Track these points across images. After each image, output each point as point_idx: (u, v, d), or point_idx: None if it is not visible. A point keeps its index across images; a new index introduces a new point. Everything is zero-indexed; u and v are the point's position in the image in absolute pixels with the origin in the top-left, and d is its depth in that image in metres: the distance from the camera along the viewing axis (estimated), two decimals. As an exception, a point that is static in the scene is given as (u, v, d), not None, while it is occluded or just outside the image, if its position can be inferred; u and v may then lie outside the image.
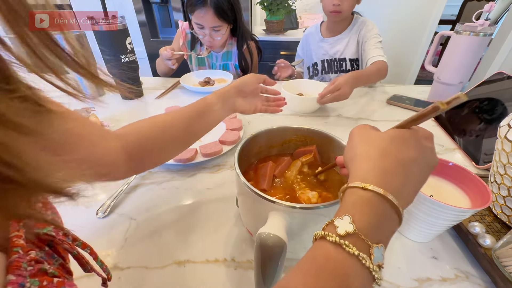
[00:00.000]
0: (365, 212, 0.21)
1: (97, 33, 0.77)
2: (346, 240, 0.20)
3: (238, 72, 1.18)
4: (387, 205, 0.21)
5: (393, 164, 0.23)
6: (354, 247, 0.19)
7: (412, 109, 0.82)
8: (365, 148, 0.25)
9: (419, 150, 0.24)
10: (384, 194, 0.21)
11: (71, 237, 0.22)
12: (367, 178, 0.22)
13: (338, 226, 0.21)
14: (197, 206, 0.48)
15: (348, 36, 1.09)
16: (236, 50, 1.12)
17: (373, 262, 0.19)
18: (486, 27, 0.70)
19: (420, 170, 0.24)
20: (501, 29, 1.68)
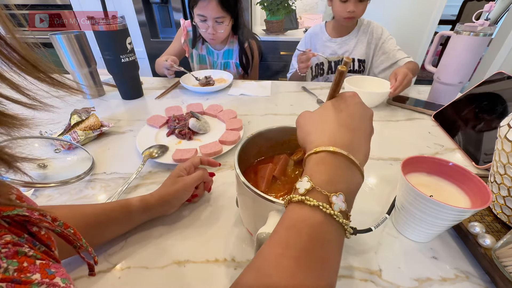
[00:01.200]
0: (321, 169, 0.23)
1: (97, 33, 0.77)
2: (307, 196, 0.22)
3: (239, 71, 1.18)
4: (341, 158, 0.24)
5: (334, 126, 0.26)
6: (314, 200, 0.21)
7: (412, 109, 0.82)
8: (309, 125, 0.29)
9: (349, 107, 0.27)
10: (334, 150, 0.24)
11: (50, 217, 0.22)
12: (318, 144, 0.25)
13: (299, 187, 0.23)
14: (197, 206, 0.48)
15: (357, 37, 1.11)
16: (237, 48, 1.13)
17: (333, 209, 0.21)
18: (486, 27, 0.70)
19: (358, 122, 0.27)
20: (501, 29, 1.68)
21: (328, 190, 0.22)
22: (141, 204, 0.41)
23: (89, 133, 0.64)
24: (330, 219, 0.21)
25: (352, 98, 0.28)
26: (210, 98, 0.92)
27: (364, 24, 1.11)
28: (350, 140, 0.25)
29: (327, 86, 1.01)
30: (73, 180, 0.51)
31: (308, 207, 0.21)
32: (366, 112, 0.28)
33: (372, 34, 1.09)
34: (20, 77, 0.18)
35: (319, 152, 0.24)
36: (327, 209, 0.21)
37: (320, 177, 0.23)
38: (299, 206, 0.22)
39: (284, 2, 1.83)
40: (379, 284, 0.35)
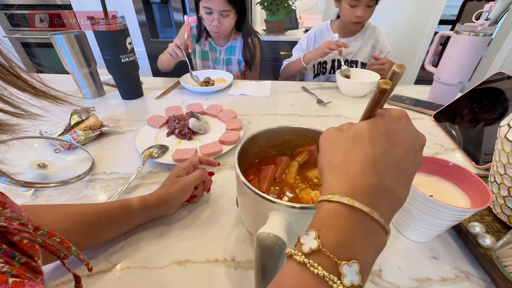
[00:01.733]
0: (332, 225, 0.19)
1: (97, 33, 0.77)
2: (311, 259, 0.18)
3: (241, 68, 1.19)
4: (359, 214, 0.18)
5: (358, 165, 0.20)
6: (319, 267, 0.17)
7: (412, 109, 0.82)
8: (329, 156, 0.22)
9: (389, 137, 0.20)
10: (350, 203, 0.18)
11: (32, 226, 0.20)
12: (333, 189, 0.20)
13: (303, 243, 0.19)
14: (197, 206, 0.48)
15: (362, 40, 1.12)
16: (240, 45, 1.13)
17: (344, 282, 0.17)
18: (486, 27, 0.70)
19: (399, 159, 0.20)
20: (501, 29, 1.68)
21: (338, 256, 0.17)
22: (141, 204, 0.41)
23: (89, 133, 0.64)
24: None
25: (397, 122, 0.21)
26: (210, 98, 0.92)
27: (370, 28, 1.12)
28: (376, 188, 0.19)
29: (328, 86, 1.01)
30: (73, 180, 0.51)
31: (310, 274, 0.17)
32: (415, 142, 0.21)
33: (377, 40, 1.11)
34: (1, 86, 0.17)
35: (332, 202, 0.19)
36: (334, 282, 0.16)
37: (331, 237, 0.18)
38: (300, 269, 0.18)
39: (284, 2, 1.83)
40: (379, 284, 0.35)
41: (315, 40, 1.19)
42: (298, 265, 0.18)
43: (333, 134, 0.23)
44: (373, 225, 0.19)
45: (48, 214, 0.35)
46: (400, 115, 0.22)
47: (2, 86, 0.17)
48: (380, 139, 0.20)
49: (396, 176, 0.20)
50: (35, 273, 0.19)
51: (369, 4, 0.99)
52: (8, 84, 0.18)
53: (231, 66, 1.18)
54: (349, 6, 1.01)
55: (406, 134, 0.21)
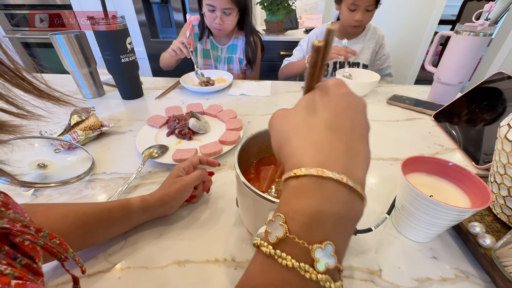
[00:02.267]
0: (301, 205, 0.16)
1: (97, 33, 0.77)
2: (279, 248, 0.16)
3: (242, 67, 1.19)
4: (331, 185, 0.16)
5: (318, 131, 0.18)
6: (289, 257, 0.15)
7: (412, 109, 0.82)
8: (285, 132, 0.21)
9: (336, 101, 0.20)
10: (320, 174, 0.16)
11: (34, 228, 0.20)
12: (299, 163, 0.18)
13: (270, 231, 0.17)
14: (197, 206, 0.48)
15: (363, 42, 1.13)
16: (241, 43, 1.14)
17: (318, 269, 0.15)
18: (486, 27, 0.70)
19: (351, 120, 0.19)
20: (501, 29, 1.68)
21: (309, 239, 0.15)
22: (141, 204, 0.41)
23: (89, 133, 0.64)
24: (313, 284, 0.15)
25: (337, 88, 0.21)
26: (210, 98, 0.92)
27: (371, 30, 1.12)
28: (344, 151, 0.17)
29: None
30: (73, 180, 0.51)
31: (279, 266, 0.15)
32: (358, 104, 0.20)
33: (378, 43, 1.12)
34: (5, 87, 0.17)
35: (299, 176, 0.17)
36: (306, 271, 0.15)
37: (300, 219, 0.16)
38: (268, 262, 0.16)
39: (284, 2, 1.83)
40: (379, 284, 0.35)
41: None
42: (265, 257, 0.16)
43: (282, 113, 0.22)
44: (347, 194, 0.16)
45: (48, 213, 0.35)
46: (338, 82, 0.21)
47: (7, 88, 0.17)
48: (330, 103, 0.20)
49: (356, 134, 0.19)
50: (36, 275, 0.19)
51: (368, 9, 1.00)
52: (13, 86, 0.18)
53: (232, 65, 1.19)
54: (348, 10, 1.01)
55: (349, 97, 0.20)
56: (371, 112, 0.81)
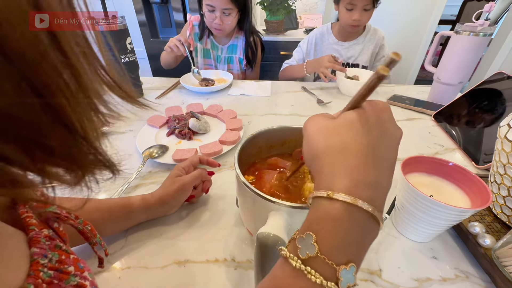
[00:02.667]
0: (331, 228, 0.18)
1: (97, 33, 0.77)
2: (308, 265, 0.17)
3: (242, 67, 1.19)
4: (361, 214, 0.18)
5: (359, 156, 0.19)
6: (317, 273, 0.17)
7: (412, 109, 0.82)
8: (323, 144, 0.21)
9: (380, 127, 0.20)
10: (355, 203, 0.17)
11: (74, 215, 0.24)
12: (333, 183, 0.19)
13: (299, 247, 0.18)
14: (197, 206, 0.48)
15: (363, 43, 1.13)
16: (241, 43, 1.14)
17: (341, 286, 0.17)
18: (486, 27, 0.70)
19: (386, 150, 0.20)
20: (501, 29, 1.68)
21: (337, 261, 0.17)
22: (142, 203, 0.41)
23: None
24: None
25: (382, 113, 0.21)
26: (210, 98, 0.92)
27: (371, 31, 1.12)
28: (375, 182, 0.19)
29: (328, 86, 1.01)
30: (73, 180, 0.51)
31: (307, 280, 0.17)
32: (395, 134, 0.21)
33: (378, 44, 1.11)
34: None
35: (333, 200, 0.18)
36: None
37: (329, 241, 0.18)
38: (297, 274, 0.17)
39: (284, 2, 1.83)
40: (379, 284, 0.35)
41: (315, 43, 1.20)
42: (294, 270, 0.18)
43: (322, 121, 0.22)
44: (371, 222, 0.18)
45: None
46: (385, 106, 0.22)
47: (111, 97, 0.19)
48: (373, 128, 0.20)
49: (387, 163, 0.20)
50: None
51: (365, 8, 0.99)
52: (116, 95, 0.20)
53: (232, 65, 1.19)
54: (346, 9, 1.01)
55: (390, 124, 0.21)
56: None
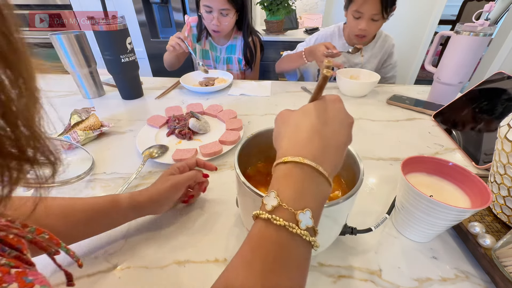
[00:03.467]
0: (287, 183, 0.23)
1: (97, 33, 0.77)
2: (274, 214, 0.21)
3: (241, 67, 1.19)
4: (308, 170, 0.23)
5: (307, 133, 0.25)
6: (281, 219, 0.21)
7: (412, 109, 0.82)
8: (283, 128, 0.27)
9: (328, 114, 0.26)
10: (301, 161, 0.23)
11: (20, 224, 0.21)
12: (287, 153, 0.24)
13: (266, 203, 0.22)
14: (197, 206, 0.48)
15: (371, 51, 1.09)
16: (240, 44, 1.14)
17: (300, 227, 0.21)
18: (486, 27, 0.70)
19: (334, 130, 0.25)
20: (501, 29, 1.68)
21: (295, 207, 0.21)
22: (130, 201, 0.39)
23: (89, 133, 0.64)
24: (297, 237, 0.21)
25: (333, 103, 0.27)
26: (210, 98, 0.92)
27: (382, 38, 1.07)
28: (321, 149, 0.24)
29: (328, 86, 1.01)
30: (73, 180, 0.51)
31: (274, 226, 0.21)
32: (345, 119, 0.27)
33: (386, 52, 1.08)
34: None
35: (287, 162, 0.23)
36: (293, 228, 0.21)
37: (287, 193, 0.22)
38: (266, 224, 0.22)
39: (284, 2, 1.83)
40: (379, 284, 0.35)
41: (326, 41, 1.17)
42: (263, 221, 0.22)
43: (286, 113, 0.29)
44: (319, 177, 0.23)
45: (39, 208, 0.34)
46: (336, 99, 0.27)
47: None
48: (322, 113, 0.26)
49: (334, 142, 0.25)
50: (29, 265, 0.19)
51: (374, 18, 0.92)
52: None
53: (232, 65, 1.19)
54: (353, 17, 0.95)
55: (339, 112, 0.27)
56: (371, 111, 0.82)
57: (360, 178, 0.31)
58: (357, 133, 0.70)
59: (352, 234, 0.38)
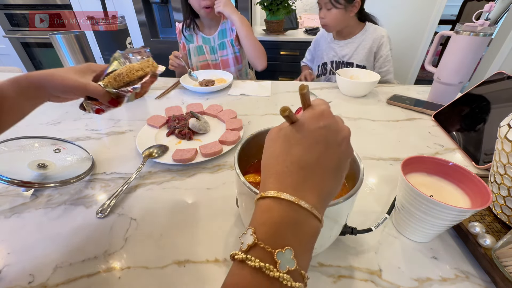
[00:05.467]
0: (265, 219, 0.20)
1: (97, 33, 0.77)
2: (249, 254, 0.18)
3: (235, 50, 1.20)
4: (286, 205, 0.20)
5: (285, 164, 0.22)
6: (257, 259, 0.18)
7: (412, 109, 0.82)
8: (265, 156, 0.25)
9: (309, 135, 0.22)
10: (278, 196, 0.20)
11: None
12: (265, 187, 0.22)
13: (242, 242, 0.20)
14: (197, 206, 0.48)
15: (359, 42, 1.12)
16: (229, 25, 1.16)
17: (279, 269, 0.18)
18: (486, 27, 0.70)
19: (318, 155, 0.22)
20: (501, 29, 1.68)
21: (273, 245, 0.18)
22: (10, 83, 0.35)
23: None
24: (276, 282, 0.17)
25: (317, 121, 0.23)
26: (210, 98, 0.92)
27: (370, 31, 1.11)
28: (302, 180, 0.21)
29: (328, 86, 1.01)
30: (73, 180, 0.51)
31: (249, 268, 0.18)
32: (334, 137, 0.23)
33: (376, 42, 1.10)
34: None
35: (265, 198, 0.21)
36: (270, 270, 0.17)
37: (265, 230, 0.19)
38: (241, 266, 0.19)
39: (284, 2, 1.84)
40: (379, 284, 0.35)
41: (319, 43, 1.26)
42: (239, 263, 0.19)
43: (273, 135, 0.25)
44: (301, 212, 0.20)
45: None
46: (322, 113, 0.23)
47: None
48: (302, 139, 0.22)
49: (319, 169, 0.22)
50: None
51: (327, 7, 1.02)
52: None
53: (226, 50, 1.19)
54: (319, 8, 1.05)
55: (326, 130, 0.23)
56: (371, 111, 0.82)
57: (360, 178, 0.31)
58: (357, 133, 0.71)
59: (352, 234, 0.38)
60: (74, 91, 0.39)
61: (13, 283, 0.35)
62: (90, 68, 0.41)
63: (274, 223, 0.20)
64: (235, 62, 1.22)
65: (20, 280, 0.36)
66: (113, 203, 0.47)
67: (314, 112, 0.23)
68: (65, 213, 0.46)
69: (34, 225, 0.44)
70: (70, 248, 0.40)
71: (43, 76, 0.36)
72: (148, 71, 0.44)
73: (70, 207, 0.47)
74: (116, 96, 0.42)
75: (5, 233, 0.43)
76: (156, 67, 0.47)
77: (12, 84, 0.35)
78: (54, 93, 0.38)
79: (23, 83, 0.36)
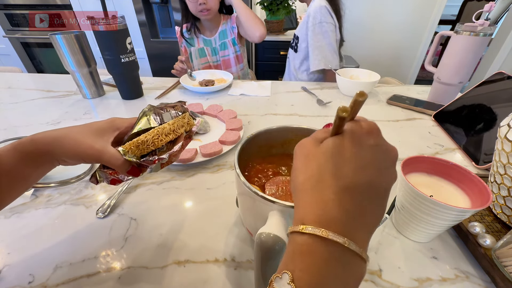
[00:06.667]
0: (306, 265, 0.17)
1: (97, 33, 0.77)
2: None
3: (236, 49, 1.21)
4: (335, 247, 0.17)
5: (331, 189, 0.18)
6: None
7: (412, 109, 0.82)
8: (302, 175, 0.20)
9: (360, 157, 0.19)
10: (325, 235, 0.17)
11: None
12: (305, 217, 0.18)
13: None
14: (197, 206, 0.48)
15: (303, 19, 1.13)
16: (230, 25, 1.17)
17: None
18: (486, 27, 0.70)
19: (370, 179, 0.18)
20: (501, 29, 1.68)
21: None
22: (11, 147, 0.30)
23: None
24: None
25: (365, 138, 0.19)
26: (210, 98, 0.92)
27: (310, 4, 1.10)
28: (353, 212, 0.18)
29: (328, 86, 1.01)
30: (73, 180, 0.51)
31: None
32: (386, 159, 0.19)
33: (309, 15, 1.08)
34: None
35: (305, 234, 0.17)
36: None
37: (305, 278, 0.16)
38: None
39: (284, 2, 1.84)
40: (379, 284, 0.35)
41: None
42: None
43: (308, 148, 0.21)
44: (349, 257, 0.17)
45: None
46: (370, 130, 0.20)
47: None
48: (352, 159, 0.19)
49: (370, 196, 0.18)
50: None
51: None
52: None
53: (227, 50, 1.20)
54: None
55: (377, 151, 0.19)
56: (371, 112, 0.82)
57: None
58: (357, 133, 0.71)
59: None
60: (86, 159, 0.31)
61: (13, 283, 0.35)
62: (113, 125, 0.34)
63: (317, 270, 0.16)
64: (236, 62, 1.23)
65: (20, 280, 0.36)
66: (113, 203, 0.47)
67: (362, 126, 0.20)
68: (65, 213, 0.46)
69: (34, 225, 0.44)
70: (70, 248, 0.40)
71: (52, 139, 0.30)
72: (180, 133, 0.36)
73: (70, 207, 0.47)
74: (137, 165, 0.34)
75: (5, 233, 0.43)
76: (192, 124, 0.39)
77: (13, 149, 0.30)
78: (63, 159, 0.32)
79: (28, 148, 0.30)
